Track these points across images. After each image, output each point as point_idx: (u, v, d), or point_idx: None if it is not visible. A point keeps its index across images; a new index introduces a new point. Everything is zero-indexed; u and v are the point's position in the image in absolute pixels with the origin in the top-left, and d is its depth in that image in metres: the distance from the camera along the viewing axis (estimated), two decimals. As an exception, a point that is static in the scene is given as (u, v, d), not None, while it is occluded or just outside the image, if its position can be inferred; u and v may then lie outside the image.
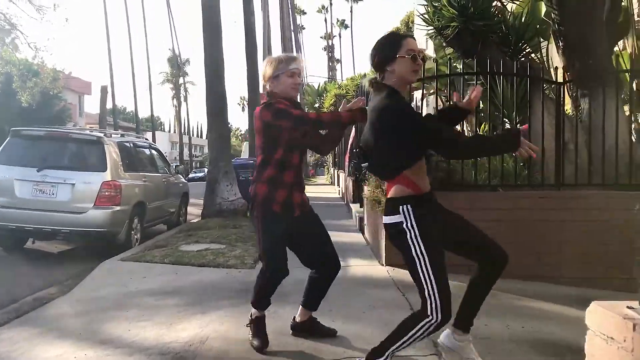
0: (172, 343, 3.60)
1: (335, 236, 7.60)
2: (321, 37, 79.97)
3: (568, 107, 7.01)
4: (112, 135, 8.69)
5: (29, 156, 7.75)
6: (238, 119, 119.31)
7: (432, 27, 6.77)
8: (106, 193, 7.58)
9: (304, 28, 74.30)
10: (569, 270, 5.63)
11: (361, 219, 8.70)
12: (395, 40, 2.79)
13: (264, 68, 3.51)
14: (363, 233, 8.38)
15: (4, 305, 5.17)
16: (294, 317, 3.77)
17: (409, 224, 2.68)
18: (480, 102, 7.58)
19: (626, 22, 8.40)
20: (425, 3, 7.19)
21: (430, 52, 20.50)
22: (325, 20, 78.55)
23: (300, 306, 3.73)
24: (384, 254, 5.94)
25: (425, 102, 16.53)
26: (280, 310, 4.19)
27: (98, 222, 7.55)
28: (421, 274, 2.63)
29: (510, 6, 8.06)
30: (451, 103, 3.08)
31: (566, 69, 8.32)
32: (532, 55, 7.78)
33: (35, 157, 7.73)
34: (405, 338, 2.69)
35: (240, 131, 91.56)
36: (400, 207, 2.71)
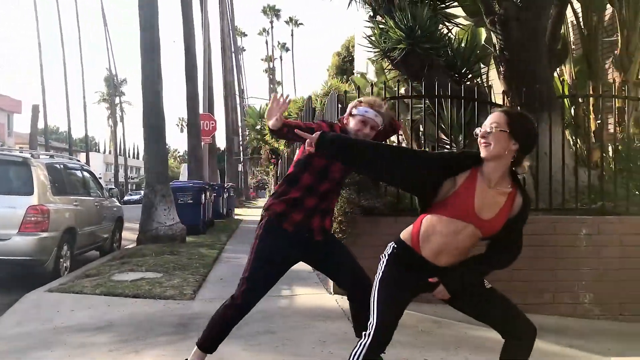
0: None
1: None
2: (262, 60, 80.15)
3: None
4: (41, 156, 8.12)
5: (-53, 178, 7.13)
6: (176, 140, 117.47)
7: (379, 50, 6.67)
8: (32, 218, 7.03)
9: (244, 50, 74.23)
10: (516, 297, 5.51)
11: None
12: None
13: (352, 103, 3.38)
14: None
15: None
16: None
17: (384, 257, 2.64)
18: (421, 125, 7.54)
19: (565, 49, 8.61)
20: (372, 25, 7.11)
21: (370, 76, 20.74)
22: (267, 42, 78.58)
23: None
24: (331, 282, 5.70)
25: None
26: (224, 350, 3.87)
27: (23, 250, 6.98)
28: (372, 298, 2.59)
29: (454, 30, 8.12)
30: None
31: (507, 94, 8.38)
32: (476, 75, 7.84)
33: (-46, 179, 7.12)
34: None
35: (179, 152, 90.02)
36: (392, 242, 2.65)
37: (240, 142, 39.24)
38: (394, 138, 5.51)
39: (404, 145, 7.70)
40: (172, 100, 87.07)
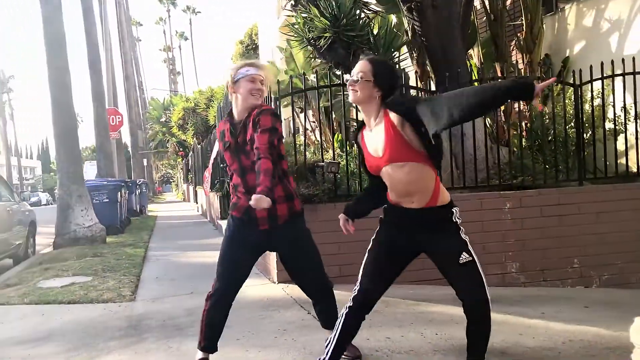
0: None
1: (209, 257, 7.26)
2: (161, 50, 77.74)
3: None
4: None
5: None
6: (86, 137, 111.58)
7: (303, 38, 6.73)
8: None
9: (140, 40, 71.58)
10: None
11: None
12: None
13: (225, 75, 3.31)
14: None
15: None
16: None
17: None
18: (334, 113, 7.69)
19: (473, 33, 9.06)
20: (294, 14, 7.14)
21: (278, 63, 20.77)
22: (164, 32, 76.38)
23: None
24: (275, 271, 5.74)
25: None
26: (183, 348, 3.83)
27: None
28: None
29: (372, 18, 8.30)
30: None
31: (421, 76, 8.75)
32: (396, 61, 8.08)
33: None
34: (335, 329, 2.91)
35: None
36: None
37: (145, 136, 38.04)
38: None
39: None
40: (77, 96, 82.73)
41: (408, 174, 2.70)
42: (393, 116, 2.67)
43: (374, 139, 2.76)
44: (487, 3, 9.09)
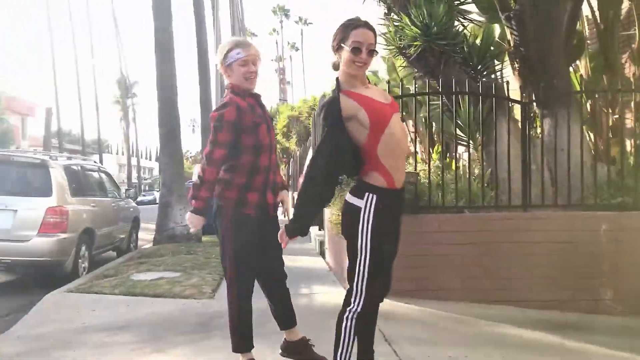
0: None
1: (296, 261, 7.34)
2: (272, 60, 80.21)
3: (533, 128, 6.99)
4: (59, 158, 8.19)
5: (-33, 181, 7.21)
6: (187, 141, 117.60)
7: (394, 47, 6.65)
8: (51, 220, 7.09)
9: (254, 50, 74.02)
10: (537, 294, 5.51)
11: (322, 243, 8.45)
12: (344, 27, 2.71)
13: (216, 56, 3.33)
14: (324, 257, 8.12)
15: None
16: (284, 339, 3.59)
17: (367, 213, 2.63)
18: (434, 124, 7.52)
19: (580, 44, 8.54)
20: (386, 22, 7.08)
21: (382, 74, 20.64)
22: (277, 42, 78.61)
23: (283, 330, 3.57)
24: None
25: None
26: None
27: (42, 251, 7.05)
28: (358, 265, 2.66)
29: (469, 27, 8.07)
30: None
31: (523, 89, 8.30)
32: (493, 71, 7.80)
33: (-26, 181, 7.19)
34: (343, 337, 2.72)
35: (191, 153, 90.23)
36: (367, 193, 2.66)
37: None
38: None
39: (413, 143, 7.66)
40: (183, 102, 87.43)
41: (405, 134, 2.87)
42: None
43: (375, 94, 2.77)
44: (596, 12, 8.54)
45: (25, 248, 6.97)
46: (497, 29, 9.28)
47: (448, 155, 8.25)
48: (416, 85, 6.20)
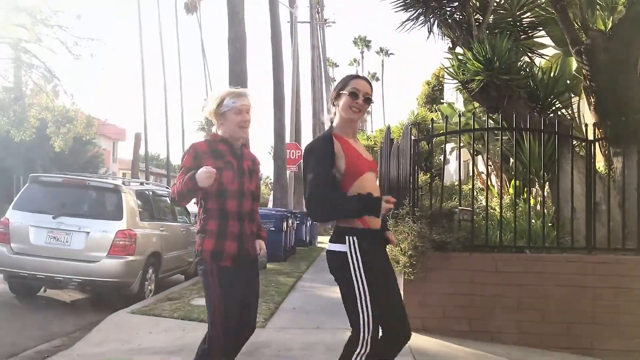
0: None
1: (331, 291, 7.24)
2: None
3: (600, 165, 6.69)
4: (131, 183, 8.59)
5: (46, 203, 7.68)
6: (267, 167, 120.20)
7: (457, 81, 6.59)
8: (121, 242, 7.43)
9: (335, 80, 75.23)
10: (601, 342, 5.21)
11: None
12: (345, 79, 2.99)
13: (208, 104, 3.31)
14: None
15: (3, 357, 4.98)
16: None
17: (353, 254, 2.76)
18: (510, 158, 7.33)
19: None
20: (451, 57, 7.04)
21: (459, 105, 20.44)
22: (357, 72, 79.26)
23: None
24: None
25: (452, 156, 16.21)
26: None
27: (111, 272, 7.38)
28: (360, 307, 2.72)
29: (538, 61, 7.87)
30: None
31: (598, 125, 7.96)
32: (563, 111, 7.54)
33: (52, 203, 7.65)
34: None
35: (270, 179, 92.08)
36: (347, 237, 2.79)
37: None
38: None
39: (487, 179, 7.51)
40: (263, 130, 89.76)
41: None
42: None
43: (359, 147, 2.98)
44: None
45: (95, 268, 7.32)
46: (574, 62, 9.01)
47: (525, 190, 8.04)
48: (487, 120, 6.10)
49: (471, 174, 7.23)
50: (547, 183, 6.25)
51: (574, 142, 6.22)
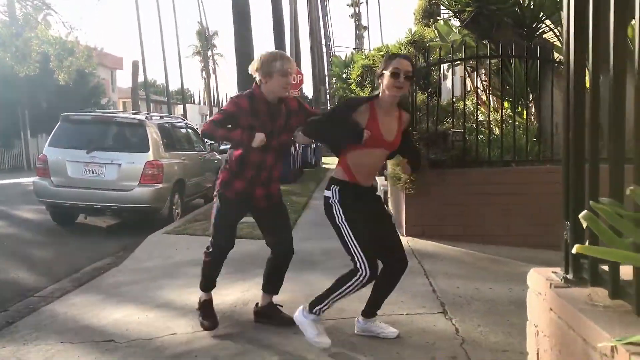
0: (219, 305, 4.19)
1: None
2: (348, 5, 79.17)
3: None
4: (153, 118, 9.30)
5: (79, 139, 8.42)
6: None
7: (450, 11, 7.15)
8: (149, 172, 8.22)
9: (330, -4, 73.64)
10: (576, 239, 6.08)
11: (385, 192, 9.21)
12: (387, 59, 3.28)
13: (256, 62, 3.63)
14: (387, 205, 8.90)
15: (68, 274, 5.87)
16: (257, 303, 4.05)
17: (333, 200, 3.27)
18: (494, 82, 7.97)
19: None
20: (442, -12, 7.55)
21: (456, 22, 20.60)
22: (353, -13, 77.39)
23: (262, 292, 4.01)
24: (404, 225, 6.47)
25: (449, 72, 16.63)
26: (310, 278, 4.79)
27: (143, 199, 8.22)
28: (346, 239, 3.21)
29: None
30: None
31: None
32: (556, 29, 8.09)
33: (84, 140, 8.39)
34: (342, 289, 3.22)
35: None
36: (332, 186, 3.31)
37: (327, 91, 39.97)
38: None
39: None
40: (261, 50, 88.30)
41: (382, 160, 3.45)
42: (406, 117, 3.44)
43: (389, 124, 3.29)
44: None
45: (129, 196, 8.17)
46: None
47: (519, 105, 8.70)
48: (464, 50, 6.71)
49: (466, 93, 7.90)
50: (532, 102, 6.96)
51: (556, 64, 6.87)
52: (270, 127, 3.62)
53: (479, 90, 7.96)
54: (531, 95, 6.82)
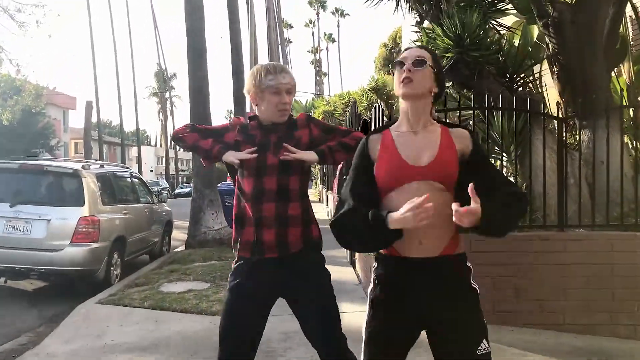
0: None
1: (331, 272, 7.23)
2: (309, 51, 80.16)
3: (570, 140, 6.74)
4: (91, 166, 8.27)
5: (2, 191, 7.35)
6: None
7: (426, 57, 6.47)
8: (83, 229, 7.18)
9: (291, 42, 74.26)
10: (572, 317, 5.32)
11: (352, 252, 8.35)
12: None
13: (246, 81, 2.79)
14: (354, 268, 8.01)
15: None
16: None
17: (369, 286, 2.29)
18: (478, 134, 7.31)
19: (623, 47, 8.18)
20: (419, 31, 6.91)
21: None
22: (313, 34, 78.37)
23: None
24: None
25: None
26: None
27: (75, 260, 7.14)
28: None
29: (504, 32, 7.80)
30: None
31: (566, 102, 7.98)
32: (529, 80, 7.56)
33: (8, 191, 7.34)
34: None
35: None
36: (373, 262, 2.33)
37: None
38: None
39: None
40: (220, 94, 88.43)
41: (437, 198, 2.05)
42: (460, 133, 2.22)
43: (417, 143, 2.16)
44: (640, 13, 8.16)
45: (58, 257, 7.07)
46: (536, 30, 8.99)
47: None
48: (445, 100, 6.03)
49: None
50: (518, 159, 6.26)
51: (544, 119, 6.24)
52: (261, 142, 2.75)
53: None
54: (516, 152, 6.11)
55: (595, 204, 5.74)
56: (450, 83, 6.75)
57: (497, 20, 7.15)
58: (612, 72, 7.69)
